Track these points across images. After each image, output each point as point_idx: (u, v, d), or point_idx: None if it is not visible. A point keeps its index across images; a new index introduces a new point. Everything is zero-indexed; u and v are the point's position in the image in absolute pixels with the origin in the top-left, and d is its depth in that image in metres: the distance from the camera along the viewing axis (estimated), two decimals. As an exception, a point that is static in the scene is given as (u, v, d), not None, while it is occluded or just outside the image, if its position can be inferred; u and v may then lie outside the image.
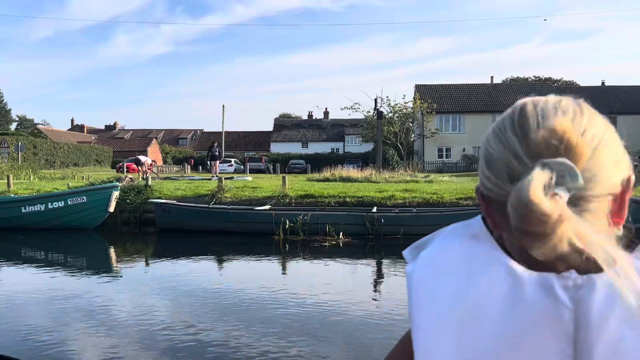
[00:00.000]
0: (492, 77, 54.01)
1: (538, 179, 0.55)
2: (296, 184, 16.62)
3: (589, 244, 0.54)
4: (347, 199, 13.49)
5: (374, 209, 12.22)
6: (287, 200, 13.71)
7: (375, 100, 35.27)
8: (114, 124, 73.78)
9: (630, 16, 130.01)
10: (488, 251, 0.62)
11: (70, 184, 16.65)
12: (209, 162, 25.42)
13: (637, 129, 43.65)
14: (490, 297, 0.58)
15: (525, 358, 0.56)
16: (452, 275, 0.62)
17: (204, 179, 20.33)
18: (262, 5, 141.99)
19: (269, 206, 13.10)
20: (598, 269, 0.57)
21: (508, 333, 0.56)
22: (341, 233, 11.34)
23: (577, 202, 0.58)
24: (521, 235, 0.56)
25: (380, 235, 11.38)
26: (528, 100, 0.65)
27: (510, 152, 0.61)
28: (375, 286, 7.93)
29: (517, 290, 0.57)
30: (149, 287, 7.46)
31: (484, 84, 50.92)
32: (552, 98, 0.65)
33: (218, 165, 24.81)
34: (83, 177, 25.05)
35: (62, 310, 6.09)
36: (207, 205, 13.08)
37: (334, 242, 11.03)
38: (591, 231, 0.55)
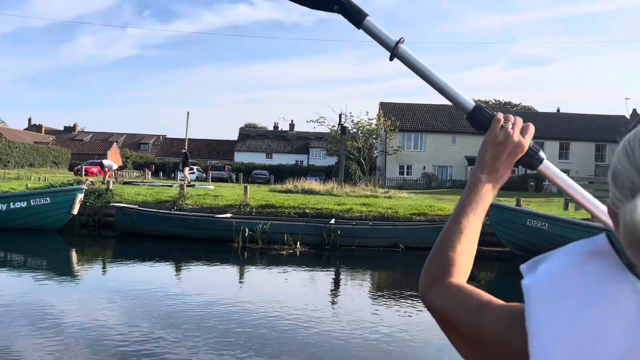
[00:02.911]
0: (453, 99, 55.76)
1: None
2: (258, 194, 16.94)
3: None
4: (307, 211, 13.91)
5: (332, 221, 12.67)
6: (248, 210, 14.03)
7: (340, 115, 35.99)
8: (74, 125, 72.12)
9: (582, 48, 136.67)
10: (613, 269, 0.59)
11: (29, 185, 16.46)
12: (181, 169, 24.98)
13: (588, 155, 46.06)
14: (615, 316, 0.56)
15: None
16: (574, 292, 0.59)
17: (165, 186, 20.37)
18: (232, 14, 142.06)
19: (230, 214, 13.37)
20: None
21: (636, 352, 0.54)
22: (299, 242, 11.74)
23: None
24: (632, 252, 0.57)
25: (337, 246, 11.84)
26: None
27: (635, 168, 0.60)
28: (329, 295, 8.32)
29: None
30: (106, 292, 7.48)
31: (446, 104, 52.46)
32: None
33: (187, 172, 24.56)
34: (40, 178, 24.58)
35: (14, 313, 6.04)
36: (168, 211, 13.24)
37: (291, 251, 11.42)
38: None
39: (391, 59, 1.02)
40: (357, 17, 1.03)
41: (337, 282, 9.32)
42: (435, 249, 0.83)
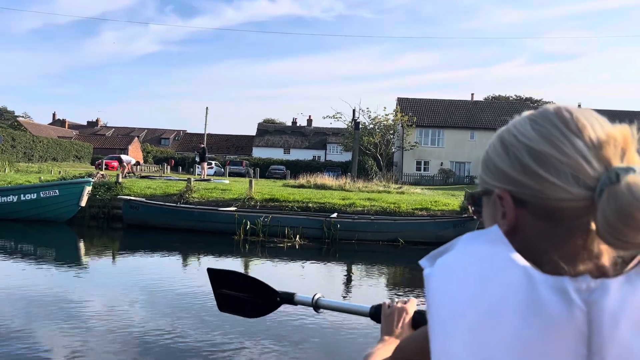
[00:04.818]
0: (472, 94, 55.16)
1: None
2: (265, 189, 17.11)
3: None
4: (310, 205, 14.02)
5: (334, 215, 12.75)
6: (252, 203, 14.21)
7: (354, 110, 35.84)
8: (96, 120, 73.54)
9: (607, 43, 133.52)
10: (506, 255, 0.62)
11: (42, 177, 16.93)
12: (198, 164, 25.58)
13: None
14: (508, 299, 0.59)
15: (542, 358, 0.57)
16: (470, 278, 0.62)
17: (181, 180, 20.70)
18: (253, 10, 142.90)
19: (235, 208, 13.57)
20: (613, 274, 0.60)
21: (525, 334, 0.58)
22: (298, 236, 11.88)
23: None
24: (612, 237, 0.58)
25: (336, 240, 11.93)
26: (557, 107, 0.69)
27: (579, 155, 0.63)
28: (324, 287, 8.42)
29: (533, 292, 0.59)
30: (113, 282, 7.71)
31: (464, 100, 52.00)
32: (573, 107, 0.69)
33: (205, 167, 25.08)
34: (60, 171, 25.23)
35: (27, 303, 6.20)
36: (173, 204, 13.49)
37: (290, 244, 11.56)
38: None
39: (316, 310, 1.44)
40: (291, 299, 1.47)
41: (333, 275, 9.42)
42: None
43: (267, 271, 9.39)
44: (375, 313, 1.28)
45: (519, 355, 0.58)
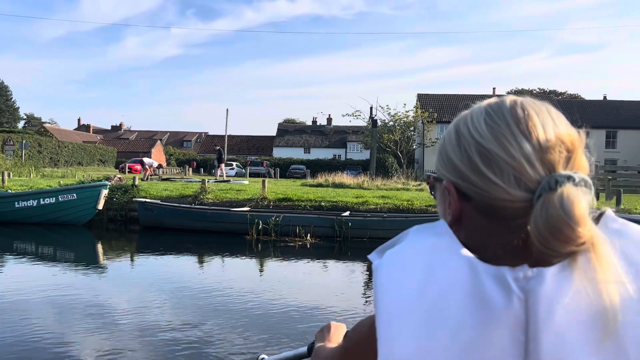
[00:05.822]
0: (494, 89, 54.35)
1: (581, 197, 0.60)
2: (280, 188, 17.17)
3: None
4: (323, 203, 14.03)
5: (347, 213, 12.74)
6: (266, 203, 14.29)
7: (371, 108, 35.62)
8: (120, 124, 74.89)
9: (635, 32, 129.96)
10: (451, 246, 0.64)
11: (61, 182, 17.33)
12: (217, 165, 26.14)
13: (636, 144, 43.86)
14: (453, 288, 0.61)
15: (484, 344, 0.59)
16: (417, 269, 0.64)
17: (199, 182, 20.92)
18: (272, 11, 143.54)
19: (248, 208, 13.67)
20: (549, 264, 0.62)
21: (468, 322, 0.59)
22: (309, 235, 11.90)
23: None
24: (540, 244, 0.60)
25: (348, 238, 11.91)
26: (514, 102, 0.68)
27: (523, 157, 0.63)
28: (330, 285, 8.43)
29: (476, 282, 0.60)
30: (131, 283, 7.83)
31: (486, 95, 51.26)
32: (529, 100, 0.68)
33: (223, 168, 25.59)
34: (83, 175, 25.79)
35: (50, 304, 6.31)
36: (187, 205, 13.66)
37: (300, 243, 11.59)
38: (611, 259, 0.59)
39: None
40: None
41: (339, 272, 9.40)
42: None
43: (277, 271, 9.43)
44: (311, 348, 1.29)
45: (462, 342, 0.60)
